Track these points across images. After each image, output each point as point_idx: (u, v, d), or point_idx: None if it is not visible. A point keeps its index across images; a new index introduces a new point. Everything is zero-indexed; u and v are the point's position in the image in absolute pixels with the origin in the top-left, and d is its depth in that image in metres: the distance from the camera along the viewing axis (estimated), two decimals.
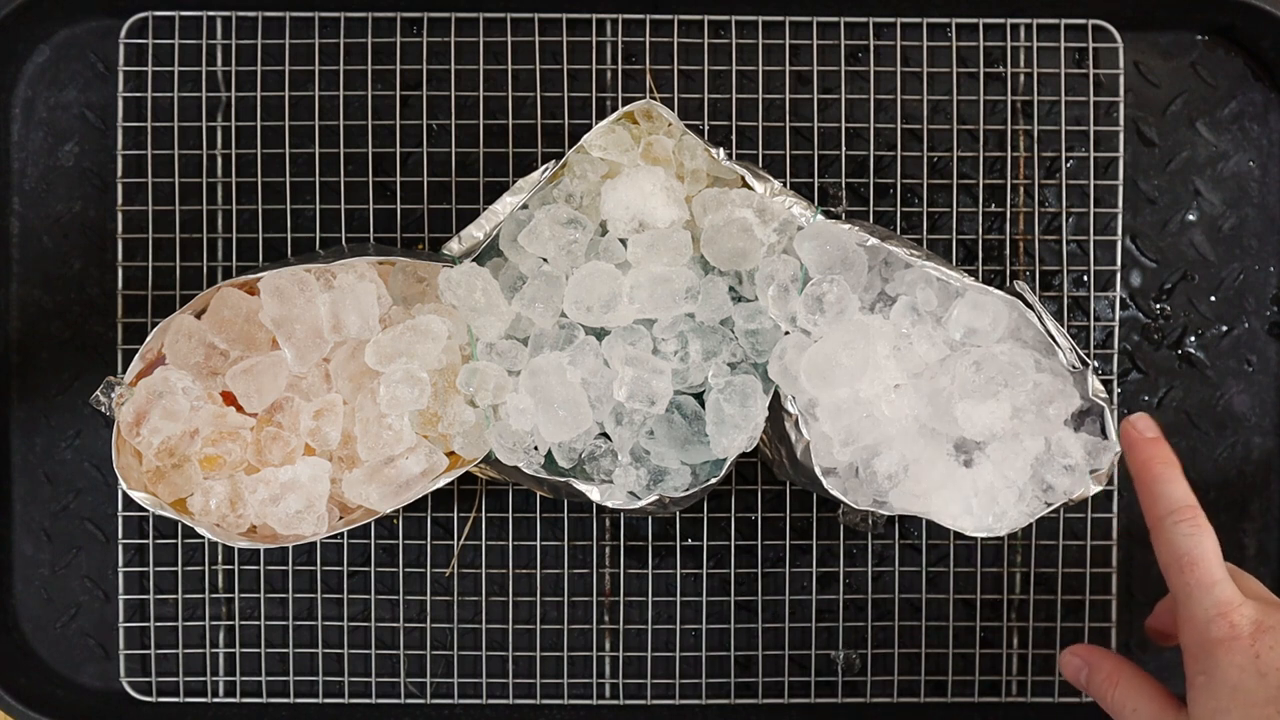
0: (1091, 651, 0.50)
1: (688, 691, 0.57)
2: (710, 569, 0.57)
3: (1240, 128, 0.58)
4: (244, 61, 0.56)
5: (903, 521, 0.57)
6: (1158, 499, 0.47)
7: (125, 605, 0.56)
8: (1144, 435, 0.48)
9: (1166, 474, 0.47)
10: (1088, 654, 0.50)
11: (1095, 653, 0.50)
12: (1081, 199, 0.57)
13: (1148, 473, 0.47)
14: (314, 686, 0.57)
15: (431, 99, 0.57)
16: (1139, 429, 0.49)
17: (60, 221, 0.57)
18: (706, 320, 0.49)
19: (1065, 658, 0.51)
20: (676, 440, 0.49)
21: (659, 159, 0.50)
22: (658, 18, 0.57)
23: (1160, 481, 0.47)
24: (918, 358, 0.49)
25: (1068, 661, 0.51)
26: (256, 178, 0.56)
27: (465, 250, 0.51)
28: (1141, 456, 0.48)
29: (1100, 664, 0.49)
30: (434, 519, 0.57)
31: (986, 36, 0.57)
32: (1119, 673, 0.48)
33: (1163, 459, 0.48)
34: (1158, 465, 0.47)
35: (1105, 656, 0.50)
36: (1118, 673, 0.48)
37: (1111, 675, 0.49)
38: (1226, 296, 0.58)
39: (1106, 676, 0.49)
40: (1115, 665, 0.49)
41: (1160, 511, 0.46)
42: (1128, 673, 0.48)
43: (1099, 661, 0.50)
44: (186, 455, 0.48)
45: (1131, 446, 0.48)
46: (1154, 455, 0.48)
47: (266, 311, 0.48)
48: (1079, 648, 0.51)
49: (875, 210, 0.57)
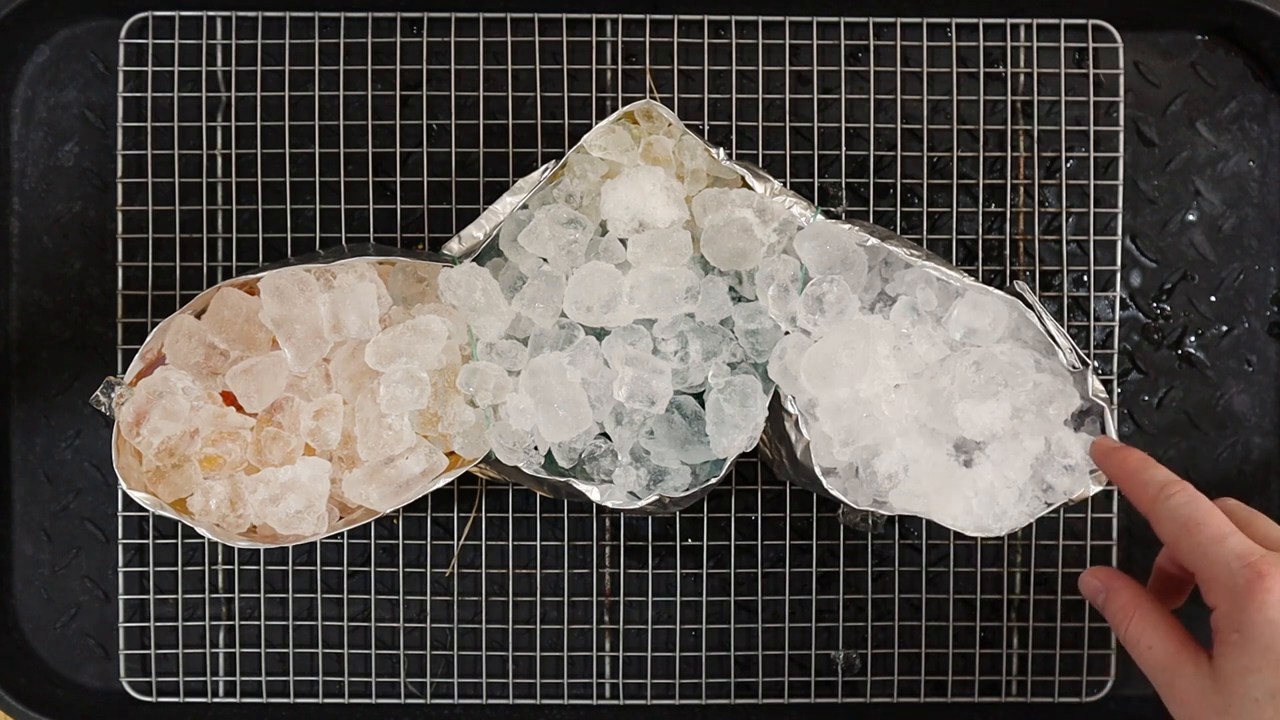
0: (1112, 576, 0.49)
1: (688, 691, 0.57)
2: (710, 569, 0.57)
3: (1240, 128, 0.58)
4: (244, 61, 0.56)
5: (903, 521, 0.57)
6: (1145, 484, 0.46)
7: (125, 605, 0.56)
8: (1110, 446, 0.49)
9: (1144, 464, 0.47)
10: (1108, 577, 0.49)
11: (1116, 578, 0.48)
12: (1081, 199, 0.57)
13: (1126, 468, 0.47)
14: (314, 686, 0.57)
15: (431, 99, 0.57)
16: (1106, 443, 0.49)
17: (60, 221, 0.57)
18: (706, 320, 0.49)
19: (1085, 578, 0.50)
20: (676, 440, 0.49)
21: (659, 159, 0.50)
22: (658, 18, 0.57)
23: (1141, 470, 0.47)
24: (918, 358, 0.49)
25: (1087, 581, 0.50)
26: (256, 178, 0.56)
27: (465, 250, 0.51)
28: (1116, 459, 0.48)
29: (1120, 591, 0.48)
30: (434, 519, 0.57)
31: (986, 36, 0.57)
32: (1137, 604, 0.47)
33: (1137, 455, 0.48)
34: (1134, 460, 0.47)
35: (1126, 585, 0.48)
36: (1136, 604, 0.47)
37: (1128, 606, 0.47)
38: (1226, 296, 0.58)
39: (1123, 606, 0.47)
40: (1134, 596, 0.47)
41: (1151, 493, 0.46)
42: (1146, 606, 0.47)
43: (1119, 588, 0.48)
44: (186, 455, 0.48)
45: (1105, 456, 0.48)
46: (1128, 455, 0.48)
47: (266, 311, 0.48)
48: (1100, 570, 0.49)
49: (875, 210, 0.57)
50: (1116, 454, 0.48)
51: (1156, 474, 0.46)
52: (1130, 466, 0.47)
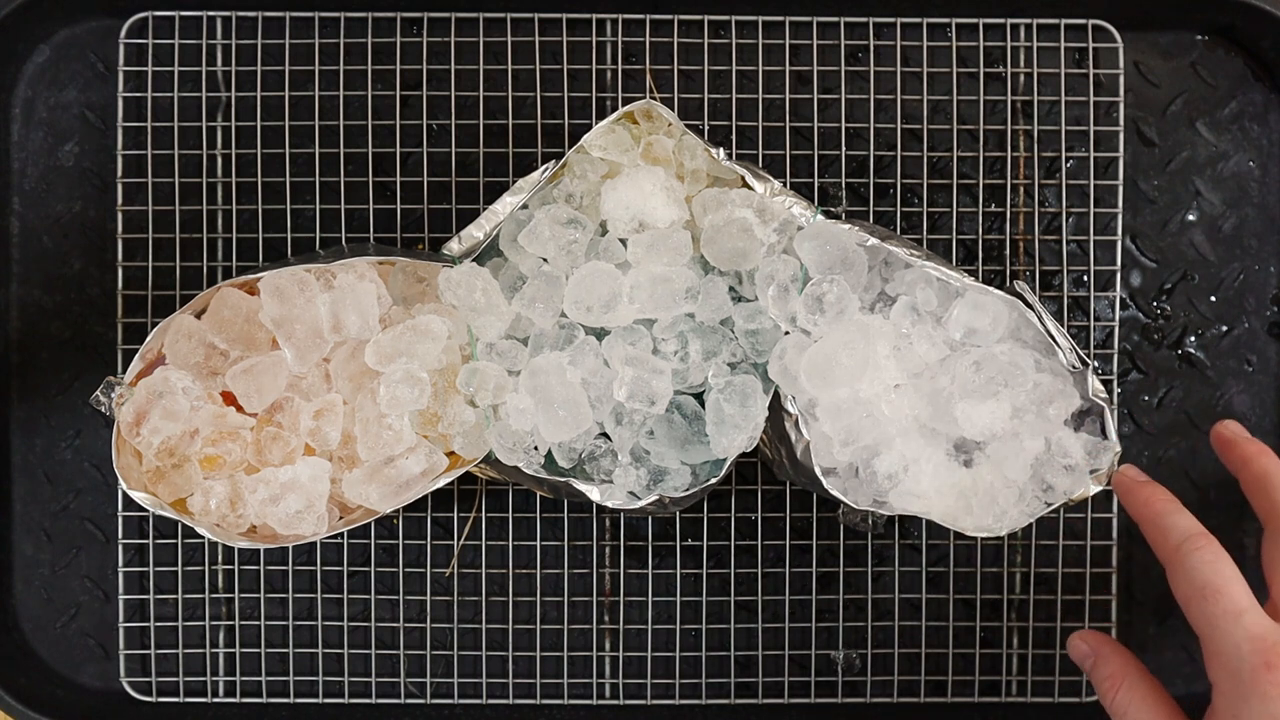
0: (1101, 642, 0.48)
1: (688, 691, 0.57)
2: (710, 569, 0.57)
3: (1240, 128, 0.58)
4: (244, 61, 0.56)
5: (903, 521, 0.57)
6: (1168, 531, 0.45)
7: (125, 605, 0.56)
8: (1137, 480, 0.47)
9: (1170, 507, 0.45)
10: (1096, 643, 0.48)
11: (1104, 645, 0.48)
12: (1081, 199, 0.57)
13: (1150, 509, 0.46)
14: (314, 686, 0.57)
15: (431, 99, 0.57)
16: (1131, 475, 0.48)
17: (60, 221, 0.57)
18: (706, 320, 0.49)
19: (1074, 641, 0.49)
20: (676, 440, 0.49)
21: (659, 159, 0.50)
22: (658, 18, 0.57)
23: (1166, 515, 0.45)
24: (918, 358, 0.49)
25: (1075, 645, 0.49)
26: (256, 178, 0.56)
27: (465, 250, 0.51)
28: (1141, 496, 0.47)
29: (1108, 659, 0.47)
30: (434, 519, 0.57)
31: (986, 36, 0.57)
32: (1125, 673, 0.46)
33: (1163, 496, 0.46)
34: (1160, 502, 0.46)
35: (1114, 652, 0.47)
36: (1124, 673, 0.46)
37: (1116, 675, 0.46)
38: (1226, 296, 0.58)
39: (1110, 674, 0.46)
40: (1123, 664, 0.46)
41: (1174, 541, 0.44)
42: (1134, 676, 0.46)
43: (1107, 655, 0.47)
44: (186, 455, 0.48)
45: (1128, 491, 0.47)
46: (1153, 494, 0.46)
47: (266, 311, 0.48)
48: (1089, 634, 0.49)
49: (875, 210, 0.57)
50: (1142, 491, 0.47)
51: (1180, 521, 0.45)
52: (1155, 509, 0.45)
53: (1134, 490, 0.47)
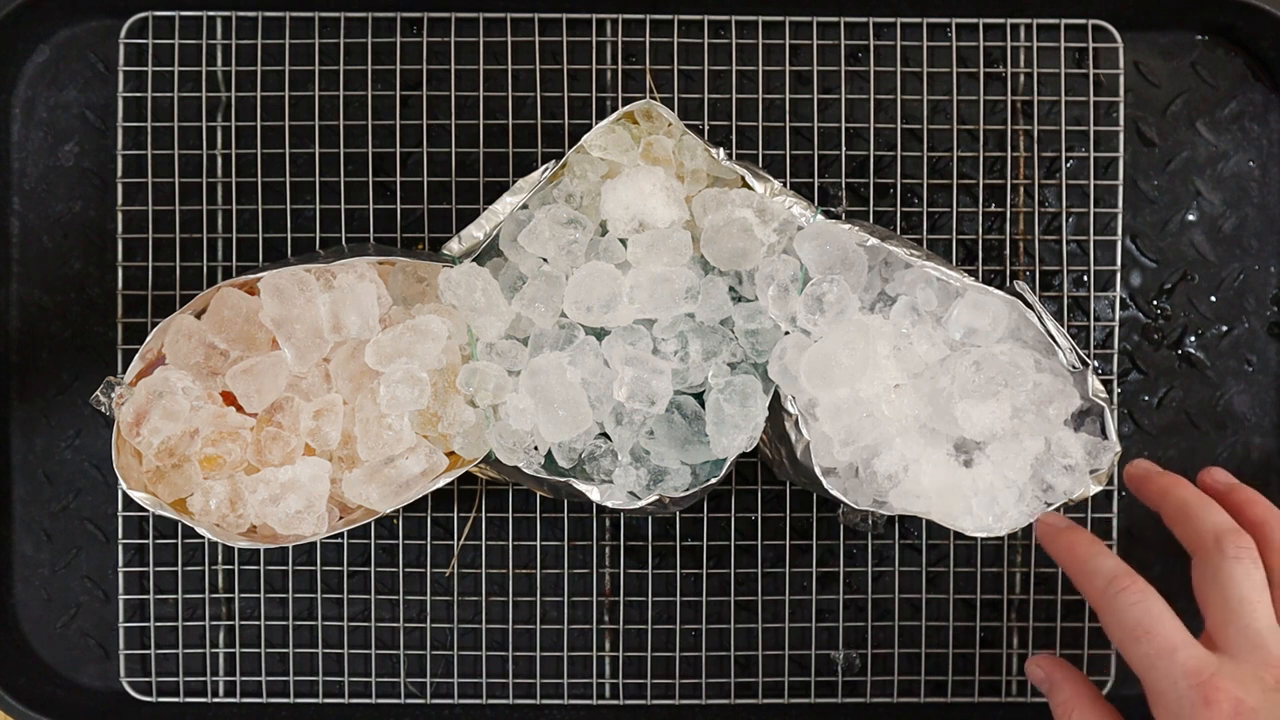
0: (1055, 667, 0.49)
1: (688, 691, 0.57)
2: (710, 569, 0.57)
3: (1240, 128, 0.58)
4: (244, 61, 0.56)
5: (903, 521, 0.57)
6: (1093, 575, 0.45)
7: (125, 605, 0.56)
8: (1058, 526, 0.48)
9: (1093, 550, 0.46)
10: (1050, 669, 0.49)
11: (1058, 670, 0.49)
12: (1081, 199, 0.57)
13: (1074, 554, 0.46)
14: (314, 686, 0.57)
15: (431, 99, 0.57)
16: (1051, 522, 0.48)
17: (60, 221, 0.57)
18: (706, 320, 0.49)
19: (1030, 667, 0.50)
20: (676, 440, 0.49)
21: (659, 159, 0.50)
22: (658, 18, 0.57)
23: (1090, 559, 0.46)
24: (918, 358, 0.49)
25: (1032, 671, 0.50)
26: (256, 178, 0.56)
27: (465, 250, 0.51)
28: (1064, 542, 0.47)
29: (1061, 685, 0.48)
30: (434, 519, 0.57)
31: (986, 36, 0.57)
32: (1077, 699, 0.47)
33: (1086, 540, 0.47)
34: (1082, 547, 0.46)
35: (1067, 679, 0.48)
36: (1076, 699, 0.47)
37: (1069, 702, 0.47)
38: (1226, 296, 0.58)
39: (1065, 700, 0.47)
40: (1075, 691, 0.47)
41: (1099, 585, 0.45)
42: (1085, 702, 0.47)
43: (1060, 682, 0.48)
44: (186, 455, 0.48)
45: (1052, 539, 0.48)
46: (1076, 539, 0.47)
47: (266, 311, 0.48)
48: (1044, 660, 0.50)
49: (875, 210, 0.57)
50: (1064, 536, 0.47)
51: (1104, 564, 0.45)
52: (1078, 554, 0.46)
53: (1057, 536, 0.48)
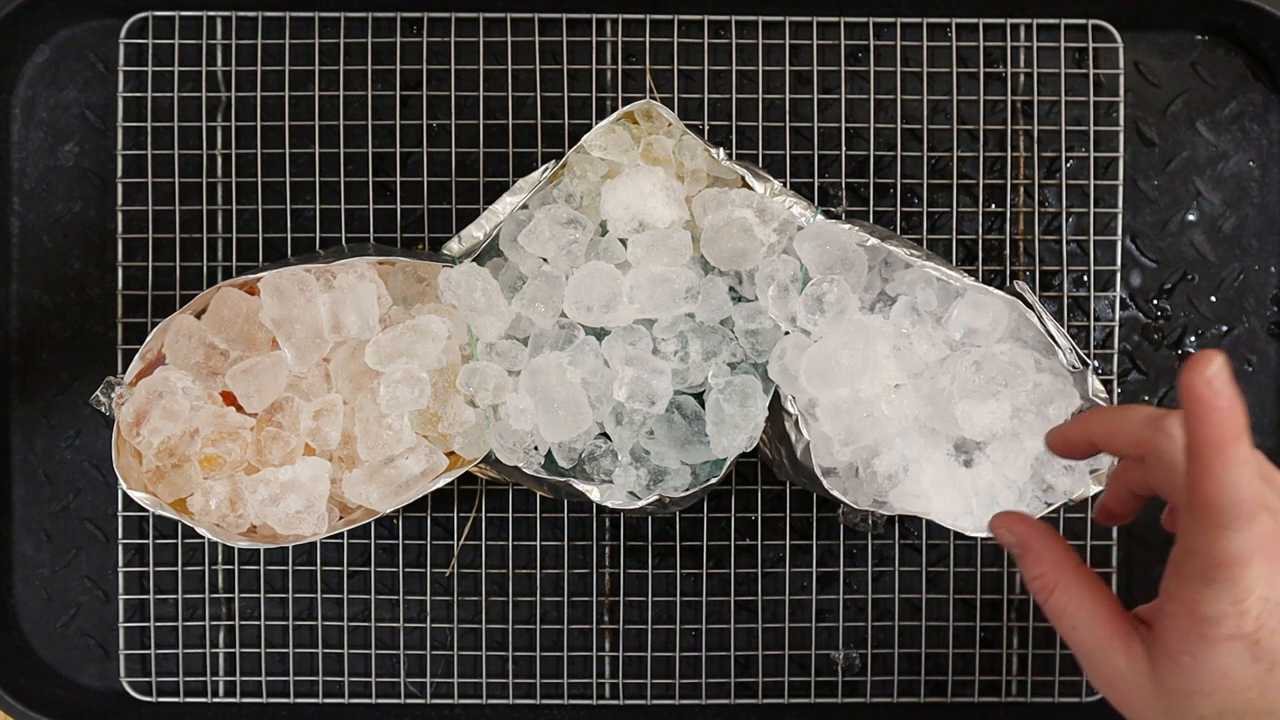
0: (1030, 530, 0.40)
1: (688, 691, 0.57)
2: (710, 569, 0.57)
3: (1240, 128, 0.58)
4: (244, 61, 0.56)
5: (903, 521, 0.57)
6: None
7: (125, 605, 0.56)
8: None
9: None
10: (1024, 533, 0.40)
11: (1032, 537, 0.40)
12: (1081, 199, 0.57)
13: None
14: (314, 686, 0.57)
15: (431, 99, 0.57)
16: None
17: (60, 221, 0.57)
18: (706, 320, 0.49)
19: (998, 528, 0.41)
20: (676, 440, 0.49)
21: (659, 159, 0.50)
22: (658, 18, 0.57)
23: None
24: (918, 358, 0.49)
25: (1000, 533, 0.41)
26: (256, 178, 0.56)
27: (465, 250, 0.51)
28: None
29: (1040, 554, 0.40)
30: (434, 519, 0.57)
31: (986, 36, 0.57)
32: (1060, 572, 0.39)
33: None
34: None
35: (1046, 548, 0.40)
36: (1059, 571, 0.39)
37: (1050, 574, 0.39)
38: (1226, 296, 0.58)
39: (1044, 574, 0.39)
40: (1057, 562, 0.39)
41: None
42: (1069, 577, 0.39)
43: (1039, 550, 0.40)
44: (186, 455, 0.48)
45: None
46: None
47: (266, 311, 0.48)
48: (1015, 519, 0.41)
49: (875, 210, 0.57)
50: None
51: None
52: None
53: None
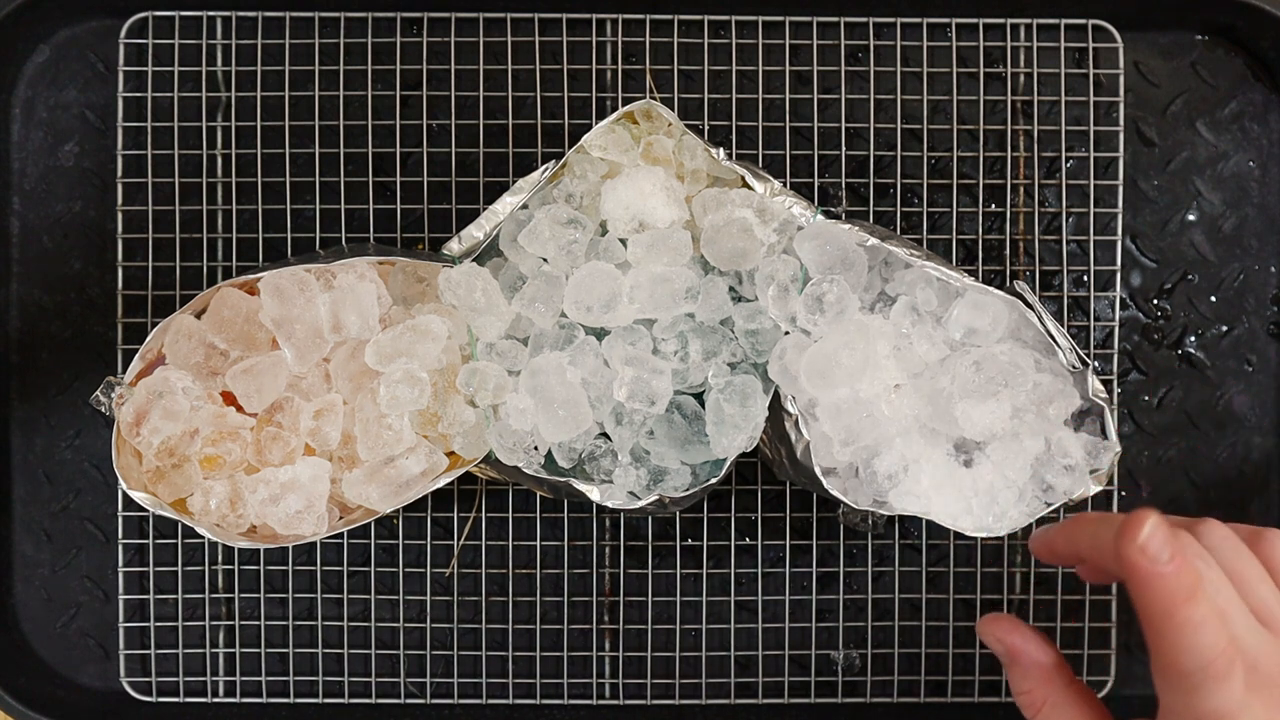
0: (1020, 640, 0.41)
1: (688, 691, 0.57)
2: (710, 569, 0.57)
3: (1240, 128, 0.58)
4: (244, 61, 0.56)
5: (903, 521, 0.57)
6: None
7: (125, 605, 0.56)
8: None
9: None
10: (1014, 643, 0.41)
11: (1023, 645, 0.41)
12: (1081, 199, 0.57)
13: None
14: (314, 686, 0.57)
15: (431, 99, 0.57)
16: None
17: (60, 221, 0.57)
18: (706, 320, 0.49)
19: (985, 632, 0.42)
20: (676, 440, 0.49)
21: (659, 159, 0.50)
22: (658, 18, 0.57)
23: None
24: (918, 358, 0.49)
25: (989, 640, 0.42)
26: (256, 178, 0.56)
27: (465, 250, 0.51)
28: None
29: (1028, 669, 0.41)
30: (434, 519, 0.57)
31: (986, 36, 0.57)
32: (1050, 690, 0.40)
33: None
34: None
35: (1036, 661, 0.40)
36: (1047, 689, 0.40)
37: (1038, 691, 0.40)
38: (1226, 296, 0.58)
39: (1031, 690, 0.40)
40: (1046, 678, 0.40)
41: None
42: (1059, 697, 0.40)
43: (1026, 665, 0.41)
44: (186, 455, 0.48)
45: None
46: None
47: (266, 311, 0.48)
48: (1001, 626, 0.41)
49: (875, 210, 0.57)
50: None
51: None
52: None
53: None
